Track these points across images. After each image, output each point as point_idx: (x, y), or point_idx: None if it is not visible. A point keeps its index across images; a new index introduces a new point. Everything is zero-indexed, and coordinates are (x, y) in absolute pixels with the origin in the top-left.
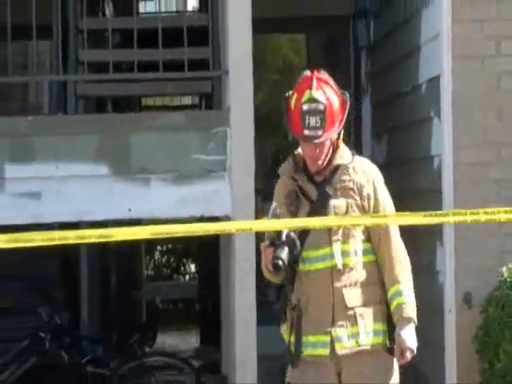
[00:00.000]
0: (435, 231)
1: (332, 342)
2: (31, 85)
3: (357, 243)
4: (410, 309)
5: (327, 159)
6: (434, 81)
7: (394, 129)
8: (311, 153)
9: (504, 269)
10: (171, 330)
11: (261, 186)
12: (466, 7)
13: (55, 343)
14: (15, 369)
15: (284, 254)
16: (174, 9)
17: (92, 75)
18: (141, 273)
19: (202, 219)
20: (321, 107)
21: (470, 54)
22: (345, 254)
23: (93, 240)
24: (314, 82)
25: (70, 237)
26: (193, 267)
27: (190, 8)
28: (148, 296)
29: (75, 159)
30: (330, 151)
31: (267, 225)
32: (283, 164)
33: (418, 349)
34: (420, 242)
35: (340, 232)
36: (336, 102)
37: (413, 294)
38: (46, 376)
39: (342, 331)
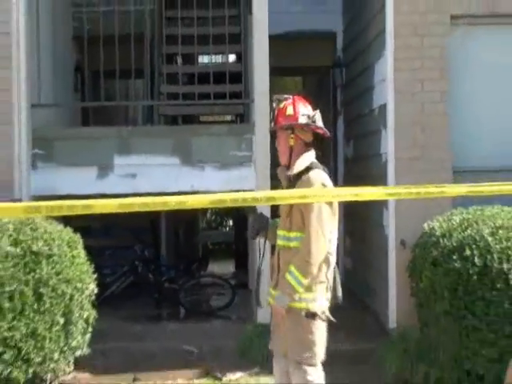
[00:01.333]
0: (383, 200)
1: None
2: (130, 107)
3: (297, 232)
4: (287, 286)
5: (286, 159)
6: (383, 107)
7: (358, 136)
8: (276, 144)
9: (425, 225)
10: (217, 261)
11: (274, 172)
12: (402, 62)
13: (145, 268)
14: (119, 284)
15: (254, 231)
16: (220, 60)
17: (169, 101)
18: (198, 225)
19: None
20: (274, 105)
21: (405, 91)
22: (286, 238)
23: (173, 205)
24: (290, 96)
25: (158, 203)
26: (231, 222)
27: (230, 60)
28: (202, 240)
29: (158, 153)
30: (288, 154)
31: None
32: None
33: (372, 274)
34: (374, 207)
35: (288, 221)
36: (290, 111)
37: (295, 281)
38: (138, 289)
39: (276, 292)
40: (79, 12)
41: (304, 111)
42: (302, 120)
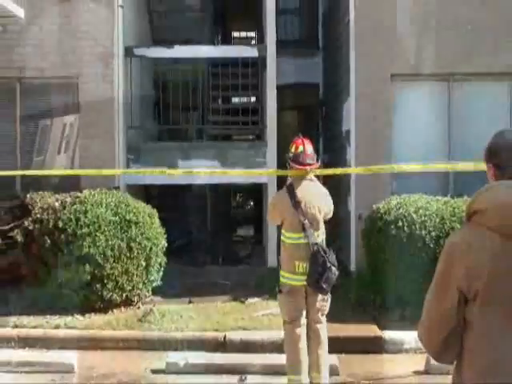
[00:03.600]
0: (347, 187)
1: None
2: (190, 129)
3: None
4: None
5: None
6: (348, 131)
7: (332, 149)
8: None
9: (374, 206)
10: (242, 227)
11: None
12: (361, 103)
13: (196, 231)
14: (181, 241)
15: None
16: (245, 100)
17: (213, 126)
18: (230, 204)
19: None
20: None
21: (362, 121)
22: None
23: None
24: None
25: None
26: (252, 202)
27: (252, 100)
28: (233, 214)
29: (206, 159)
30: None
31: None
32: None
33: (341, 237)
34: (340, 192)
35: None
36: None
37: None
38: (192, 245)
39: None
40: (157, 67)
41: (292, 150)
42: (289, 156)
